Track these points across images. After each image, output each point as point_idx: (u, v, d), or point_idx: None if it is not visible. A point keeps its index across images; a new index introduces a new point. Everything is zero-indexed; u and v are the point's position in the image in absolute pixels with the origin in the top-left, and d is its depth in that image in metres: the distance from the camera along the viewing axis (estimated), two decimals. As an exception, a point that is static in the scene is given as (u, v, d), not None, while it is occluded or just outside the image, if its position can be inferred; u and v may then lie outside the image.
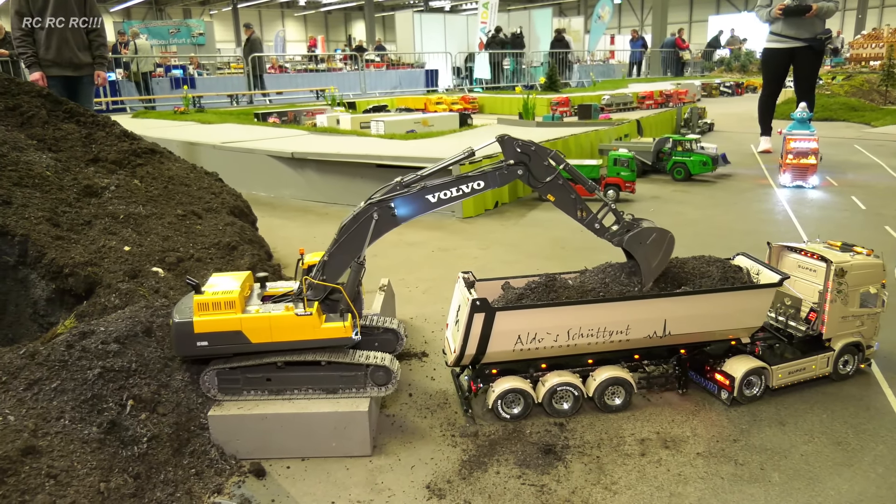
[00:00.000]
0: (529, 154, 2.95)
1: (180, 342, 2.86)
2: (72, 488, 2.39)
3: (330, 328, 2.92)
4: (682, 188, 8.55)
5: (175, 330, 2.84)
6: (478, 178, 2.96)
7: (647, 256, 3.11)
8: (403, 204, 2.95)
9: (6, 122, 5.02)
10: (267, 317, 2.86)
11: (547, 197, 3.02)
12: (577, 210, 3.05)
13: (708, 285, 3.18)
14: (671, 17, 33.46)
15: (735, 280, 3.23)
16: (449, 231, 6.67)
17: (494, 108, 17.53)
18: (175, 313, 2.89)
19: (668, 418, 3.14)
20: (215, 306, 2.83)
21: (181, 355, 3.01)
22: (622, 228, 3.11)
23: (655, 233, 3.10)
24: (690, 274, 3.27)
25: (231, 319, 2.84)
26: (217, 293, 2.86)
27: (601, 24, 29.42)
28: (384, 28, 55.86)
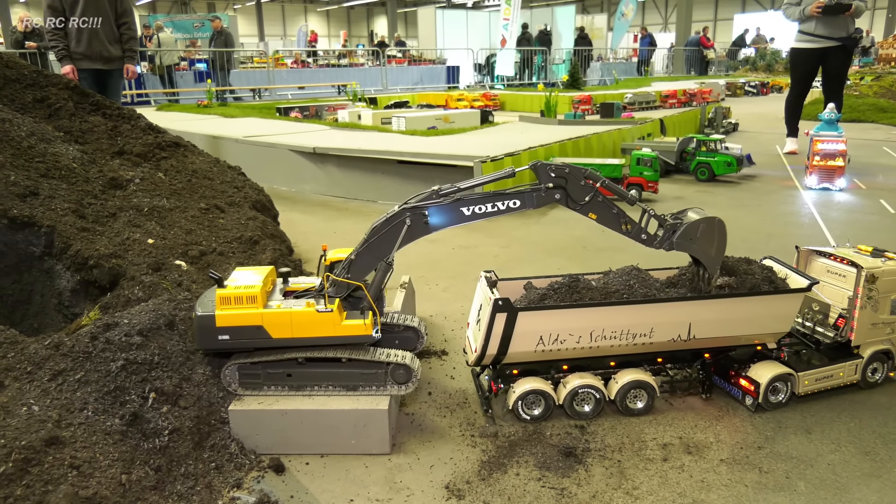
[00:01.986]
0: (565, 177, 2.91)
1: (202, 335, 2.88)
2: (94, 479, 2.41)
3: (350, 325, 2.92)
4: (706, 189, 8.45)
5: (197, 323, 2.86)
6: (514, 197, 2.96)
7: (703, 250, 3.05)
8: (437, 213, 2.95)
9: (34, 113, 5.08)
10: (288, 312, 2.86)
11: (589, 216, 2.97)
12: (622, 224, 3.00)
13: (750, 283, 3.12)
14: (696, 15, 33.06)
15: (774, 283, 3.17)
16: (469, 228, 6.64)
17: (516, 105, 17.47)
18: (198, 306, 2.91)
19: (691, 423, 3.09)
20: (237, 300, 2.84)
21: (203, 348, 3.03)
22: (668, 231, 3.04)
23: (703, 224, 3.02)
24: (732, 270, 3.21)
25: (252, 314, 2.84)
26: (239, 287, 2.87)
27: (625, 22, 29.17)
28: (406, 23, 55.88)
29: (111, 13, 7.48)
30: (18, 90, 5.20)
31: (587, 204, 2.94)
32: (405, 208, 2.94)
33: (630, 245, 5.20)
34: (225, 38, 17.94)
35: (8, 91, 5.16)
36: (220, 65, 17.71)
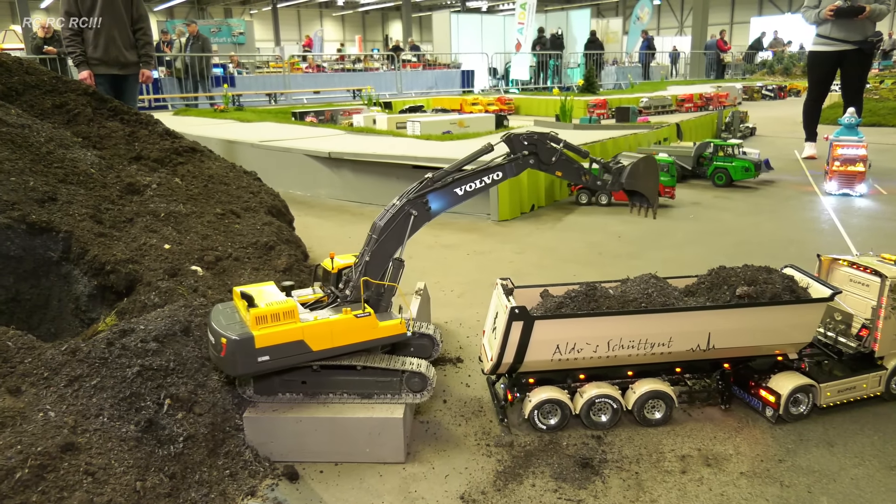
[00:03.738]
0: (535, 143, 3.18)
1: (242, 359, 2.67)
2: (109, 486, 2.41)
3: (388, 326, 2.93)
4: (724, 194, 8.36)
5: (233, 348, 2.65)
6: (497, 170, 3.14)
7: (646, 185, 3.40)
8: (436, 199, 3.05)
9: (53, 119, 5.13)
10: (327, 322, 2.82)
11: (556, 174, 3.27)
12: (581, 176, 3.33)
13: (771, 292, 3.07)
14: (712, 18, 32.83)
15: (795, 292, 3.12)
16: (484, 234, 6.62)
17: (531, 110, 17.43)
18: (223, 331, 2.69)
19: (709, 435, 3.04)
20: (274, 318, 2.72)
21: (241, 374, 2.79)
22: (615, 174, 3.35)
23: (642, 163, 3.35)
24: (752, 279, 3.16)
25: (293, 329, 2.73)
26: (273, 304, 2.76)
27: (640, 26, 29.05)
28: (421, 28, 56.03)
29: (127, 19, 7.55)
30: (38, 96, 5.26)
31: (554, 164, 3.21)
32: (408, 200, 2.99)
33: (646, 252, 5.17)
34: (202, 43, 17.59)
35: (28, 97, 5.22)
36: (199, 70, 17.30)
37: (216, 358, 2.80)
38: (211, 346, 2.83)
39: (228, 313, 2.86)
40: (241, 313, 2.83)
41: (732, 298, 3.10)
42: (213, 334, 2.78)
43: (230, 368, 2.76)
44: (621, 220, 7.08)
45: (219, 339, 2.70)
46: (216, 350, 2.75)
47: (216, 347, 2.74)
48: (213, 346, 2.79)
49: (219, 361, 2.79)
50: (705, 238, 6.33)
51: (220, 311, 2.89)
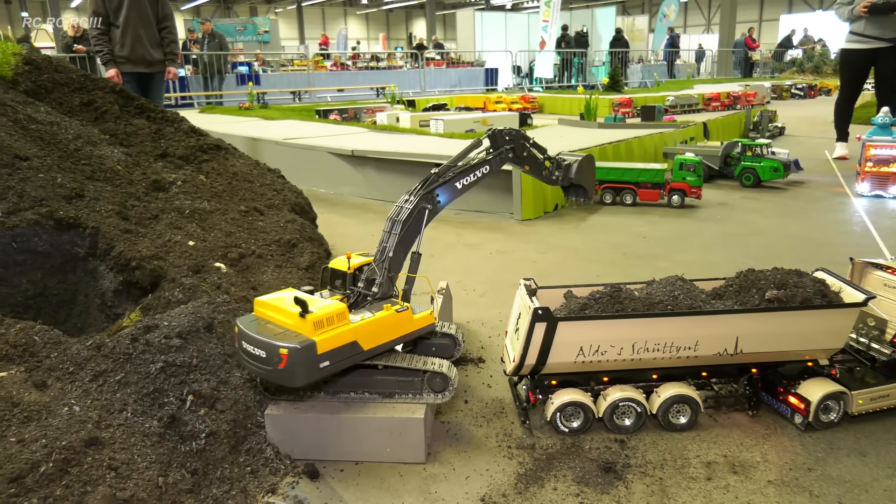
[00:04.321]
0: (514, 139, 3.39)
1: (304, 369, 2.57)
2: (131, 481, 2.42)
3: (421, 318, 2.98)
4: (751, 195, 8.22)
5: (296, 357, 2.54)
6: (485, 165, 3.30)
7: (587, 180, 3.69)
8: (443, 193, 3.14)
9: (82, 116, 5.19)
10: (376, 320, 2.82)
11: (524, 168, 3.51)
12: (542, 171, 3.58)
13: (802, 296, 2.99)
14: (740, 15, 32.37)
15: (827, 297, 3.04)
16: (507, 233, 6.58)
17: (555, 108, 17.32)
18: (278, 342, 2.57)
19: (736, 441, 2.98)
20: (329, 321, 2.67)
21: (303, 384, 2.68)
22: (564, 170, 3.63)
23: (584, 161, 3.65)
24: (783, 283, 3.08)
25: (348, 331, 2.71)
26: (325, 308, 2.70)
27: (666, 23, 28.71)
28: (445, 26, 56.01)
29: (153, 18, 7.64)
30: (67, 94, 5.33)
31: (525, 158, 3.44)
32: (422, 196, 3.06)
33: (671, 253, 5.11)
34: (218, 41, 17.53)
35: (57, 94, 5.29)
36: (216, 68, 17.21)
37: (269, 372, 2.62)
38: (255, 361, 2.65)
39: (263, 325, 2.73)
40: (281, 321, 2.71)
41: (762, 302, 3.03)
42: (261, 348, 2.62)
43: (290, 380, 2.63)
44: (646, 220, 6.99)
45: (274, 351, 2.56)
46: (268, 364, 2.59)
47: (269, 361, 2.58)
48: (264, 361, 2.61)
49: (274, 375, 2.63)
50: (732, 239, 6.23)
51: (251, 323, 2.74)
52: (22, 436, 2.38)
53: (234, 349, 2.86)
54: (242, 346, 2.72)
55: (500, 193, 7.22)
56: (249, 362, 2.70)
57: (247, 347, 2.69)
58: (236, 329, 2.76)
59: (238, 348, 2.76)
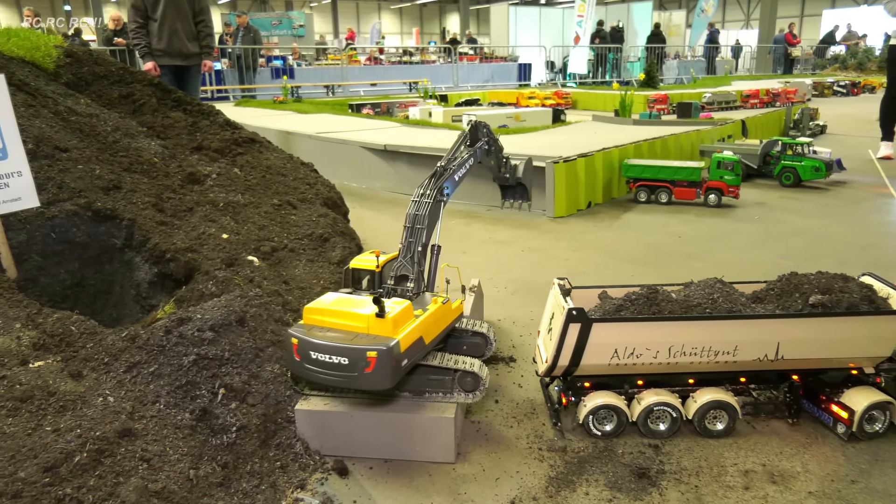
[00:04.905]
0: (489, 133, 3.61)
1: (392, 370, 2.51)
2: (163, 473, 2.44)
3: (457, 307, 3.07)
4: (791, 195, 8.01)
5: (385, 359, 2.48)
6: (471, 157, 3.45)
7: (529, 180, 3.89)
8: (449, 185, 3.22)
9: (120, 109, 5.26)
10: (433, 314, 2.84)
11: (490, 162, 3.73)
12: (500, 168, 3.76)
13: (847, 302, 2.89)
14: (781, 10, 31.54)
15: (874, 303, 2.93)
16: (539, 230, 6.51)
17: (588, 104, 17.13)
18: (363, 346, 2.50)
19: (775, 450, 2.89)
20: (403, 319, 2.66)
21: (390, 386, 2.58)
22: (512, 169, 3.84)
23: (529, 163, 3.88)
24: (827, 287, 2.98)
25: (417, 327, 2.70)
26: (394, 306, 2.67)
27: (704, 19, 28.14)
28: (478, 21, 55.78)
29: (189, 11, 7.73)
30: (106, 86, 5.41)
31: (493, 153, 3.65)
32: (438, 190, 3.11)
33: (708, 253, 5.02)
34: (253, 36, 17.41)
35: (97, 87, 5.37)
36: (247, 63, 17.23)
37: (352, 379, 2.54)
38: (332, 370, 2.55)
39: (327, 332, 2.63)
40: (348, 325, 2.63)
41: (805, 307, 2.94)
42: (340, 355, 2.52)
43: (378, 383, 2.54)
44: (681, 219, 6.86)
45: (360, 355, 2.49)
46: (352, 370, 2.51)
47: (354, 367, 2.51)
48: (346, 368, 2.52)
49: (359, 381, 2.54)
50: (771, 240, 6.07)
51: (311, 332, 2.62)
52: (57, 425, 2.41)
53: (289, 362, 2.69)
54: (310, 358, 2.57)
55: (533, 190, 7.13)
56: (322, 372, 2.56)
57: (317, 357, 2.55)
58: (295, 341, 2.60)
59: (298, 361, 2.60)
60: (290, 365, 2.75)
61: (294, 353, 2.62)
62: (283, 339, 2.67)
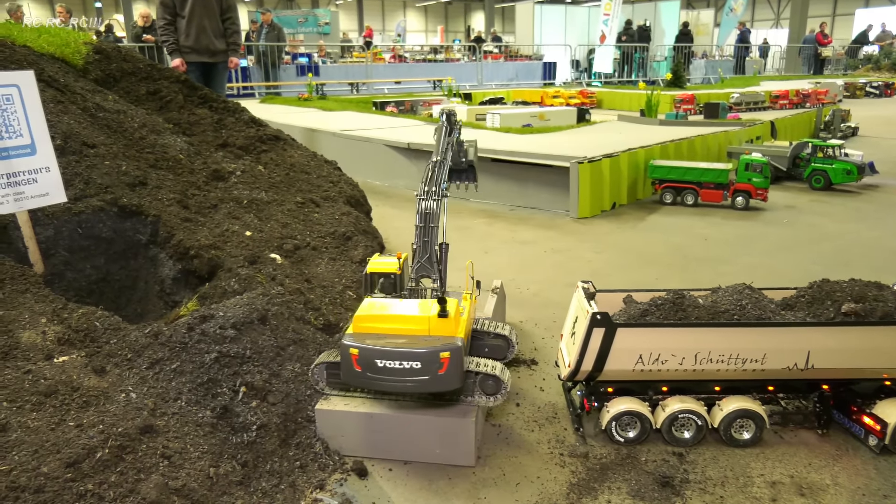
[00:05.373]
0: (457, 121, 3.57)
1: (461, 368, 2.56)
2: (184, 471, 2.44)
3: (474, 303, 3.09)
4: (821, 198, 7.85)
5: (457, 358, 2.51)
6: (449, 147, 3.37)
7: (477, 162, 3.68)
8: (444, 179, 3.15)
9: (147, 105, 5.31)
10: (469, 310, 2.91)
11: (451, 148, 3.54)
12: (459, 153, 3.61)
13: (882, 311, 2.80)
14: (812, 9, 30.92)
15: None
16: (563, 231, 6.45)
17: (613, 104, 16.96)
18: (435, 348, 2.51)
19: (804, 461, 2.82)
20: (458, 317, 2.68)
21: (461, 385, 2.63)
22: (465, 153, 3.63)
23: (475, 145, 3.69)
24: (861, 296, 2.89)
25: (464, 324, 2.73)
26: (454, 305, 2.70)
27: (733, 18, 27.72)
28: (503, 19, 55.58)
29: (217, 9, 7.78)
30: (134, 83, 5.45)
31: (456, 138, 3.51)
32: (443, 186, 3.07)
33: (735, 257, 4.93)
34: (277, 33, 17.38)
35: (125, 83, 5.42)
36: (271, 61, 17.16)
37: (425, 382, 2.53)
38: (402, 376, 2.53)
39: (388, 338, 2.58)
40: (407, 328, 2.61)
41: (837, 315, 2.85)
42: (412, 360, 2.49)
43: (450, 383, 2.54)
44: (708, 222, 6.75)
45: (434, 357, 2.47)
46: (425, 373, 2.50)
47: (427, 370, 2.50)
48: (418, 372, 2.51)
49: (432, 383, 2.53)
50: (800, 245, 5.94)
51: (370, 340, 2.56)
52: (80, 420, 2.42)
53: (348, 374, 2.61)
54: (375, 366, 2.51)
55: (557, 190, 7.09)
56: (390, 379, 2.52)
57: (385, 365, 2.50)
58: (355, 352, 2.52)
59: (359, 372, 2.53)
60: (349, 377, 2.63)
61: (354, 364, 2.54)
62: (338, 351, 2.57)
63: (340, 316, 3.66)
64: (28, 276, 3.14)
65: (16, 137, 3.33)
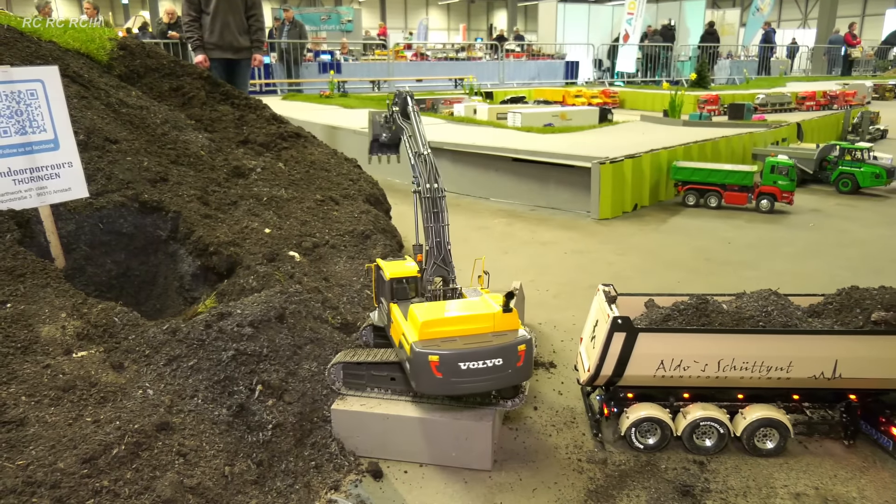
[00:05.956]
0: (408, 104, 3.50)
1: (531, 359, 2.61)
2: (199, 469, 2.44)
3: None
4: (849, 202, 7.69)
5: (530, 350, 2.55)
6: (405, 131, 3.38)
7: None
8: None
9: (170, 101, 5.33)
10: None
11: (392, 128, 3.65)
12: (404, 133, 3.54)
13: None
14: (841, 9, 30.36)
15: None
16: (584, 232, 6.38)
17: (636, 104, 16.79)
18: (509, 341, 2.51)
19: (829, 472, 2.75)
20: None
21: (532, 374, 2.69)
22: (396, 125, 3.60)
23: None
24: (890, 306, 2.81)
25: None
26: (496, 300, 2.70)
27: (759, 17, 27.32)
28: (526, 17, 55.34)
29: (241, 5, 7.81)
30: (157, 79, 5.49)
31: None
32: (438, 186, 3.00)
33: (759, 261, 4.84)
34: (299, 30, 17.46)
35: (148, 79, 5.45)
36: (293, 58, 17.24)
37: (508, 376, 2.52)
38: (489, 375, 2.49)
39: (462, 340, 2.53)
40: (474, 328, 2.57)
41: (866, 324, 2.78)
42: (495, 357, 2.48)
43: (527, 373, 2.58)
44: (731, 224, 6.64)
45: (513, 351, 2.49)
46: (508, 367, 2.50)
47: (509, 364, 2.49)
48: (502, 368, 2.49)
49: (514, 376, 2.54)
50: (826, 249, 5.82)
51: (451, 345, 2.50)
52: (97, 416, 2.43)
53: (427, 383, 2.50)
54: (458, 370, 2.46)
55: (577, 191, 7.02)
56: (474, 381, 2.50)
57: (469, 367, 2.46)
58: (435, 359, 2.44)
59: (441, 378, 2.46)
60: (427, 385, 2.52)
61: (433, 372, 2.46)
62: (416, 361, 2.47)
63: (358, 315, 3.65)
64: (49, 271, 3.15)
65: (39, 132, 3.36)
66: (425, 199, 2.91)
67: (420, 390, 2.60)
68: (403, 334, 2.62)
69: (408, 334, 2.56)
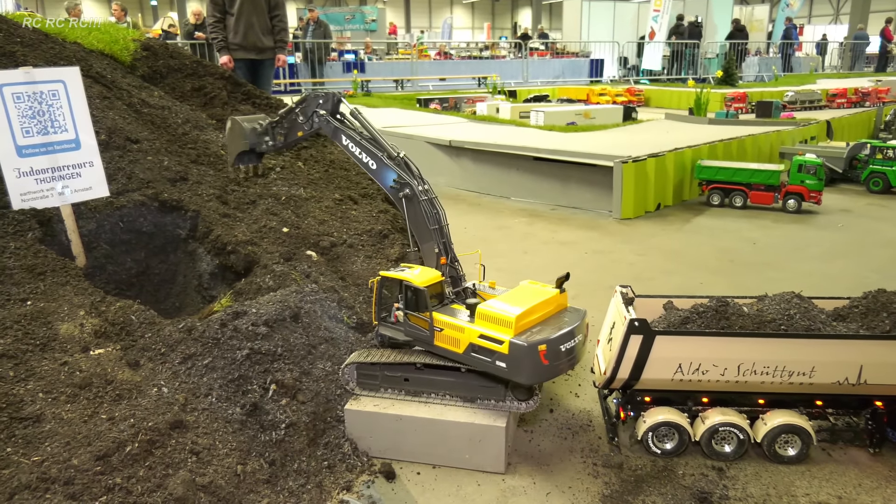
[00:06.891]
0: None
1: None
2: (211, 467, 2.45)
3: None
4: (880, 202, 7.50)
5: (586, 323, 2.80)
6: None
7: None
8: None
9: (192, 101, 5.38)
10: None
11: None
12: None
13: None
14: (875, 4, 29.62)
15: None
16: (605, 232, 6.31)
17: (661, 102, 16.59)
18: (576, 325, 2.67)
19: (853, 481, 2.67)
20: None
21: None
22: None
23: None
24: None
25: None
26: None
27: (789, 13, 26.84)
28: (550, 15, 55.03)
29: (265, 6, 7.86)
30: (179, 79, 5.54)
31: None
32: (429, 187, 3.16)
33: (785, 262, 4.74)
34: (323, 30, 17.49)
35: (171, 79, 5.51)
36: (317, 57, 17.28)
37: (582, 349, 2.75)
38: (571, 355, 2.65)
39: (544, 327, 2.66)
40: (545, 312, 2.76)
41: (894, 329, 2.69)
42: (579, 334, 2.70)
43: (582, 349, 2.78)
44: (757, 225, 6.52)
45: (584, 325, 2.78)
46: (582, 343, 2.74)
47: (583, 340, 2.77)
48: (579, 345, 2.72)
49: (583, 348, 2.78)
50: (856, 251, 5.68)
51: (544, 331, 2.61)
52: (112, 413, 2.45)
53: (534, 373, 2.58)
54: (560, 353, 2.58)
55: (599, 190, 6.94)
56: (567, 360, 2.65)
57: (565, 348, 2.60)
58: (543, 347, 2.52)
59: (547, 365, 2.55)
60: (534, 375, 2.59)
61: (542, 360, 2.53)
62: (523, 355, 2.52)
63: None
64: (69, 269, 3.19)
65: (61, 132, 3.40)
66: (422, 202, 2.90)
67: (527, 382, 2.67)
68: (481, 336, 2.63)
69: (493, 333, 2.60)
